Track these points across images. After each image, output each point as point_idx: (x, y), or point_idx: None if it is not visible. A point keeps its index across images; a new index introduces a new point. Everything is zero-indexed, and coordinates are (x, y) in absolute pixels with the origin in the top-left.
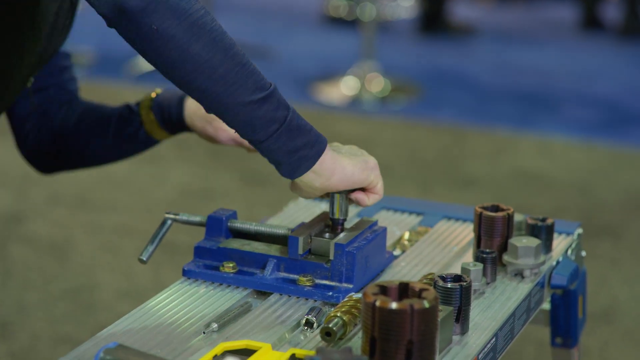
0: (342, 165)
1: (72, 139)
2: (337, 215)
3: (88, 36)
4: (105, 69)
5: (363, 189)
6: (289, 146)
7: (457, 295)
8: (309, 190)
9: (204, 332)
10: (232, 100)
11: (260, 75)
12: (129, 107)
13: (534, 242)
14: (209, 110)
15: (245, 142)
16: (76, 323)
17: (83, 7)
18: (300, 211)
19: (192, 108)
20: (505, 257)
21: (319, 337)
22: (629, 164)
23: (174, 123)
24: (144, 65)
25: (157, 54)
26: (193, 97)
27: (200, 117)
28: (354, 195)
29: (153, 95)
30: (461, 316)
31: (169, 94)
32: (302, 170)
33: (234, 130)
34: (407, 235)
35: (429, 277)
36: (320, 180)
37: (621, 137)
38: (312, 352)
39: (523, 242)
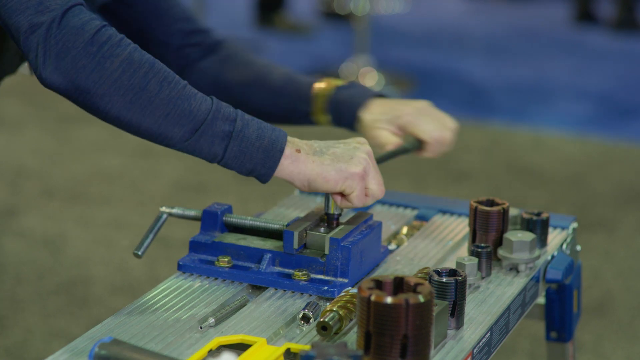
0: (304, 172)
1: (233, 90)
2: (331, 211)
3: None
4: None
5: None
6: (241, 170)
7: (452, 289)
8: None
9: (200, 327)
10: (171, 142)
11: (195, 110)
12: (301, 96)
13: (529, 236)
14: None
15: None
16: (70, 317)
17: None
18: (294, 205)
19: (368, 121)
20: (500, 252)
21: (314, 332)
22: (623, 157)
23: (345, 125)
24: None
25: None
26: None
27: (369, 127)
28: (332, 196)
29: (332, 90)
30: (456, 310)
31: (349, 95)
32: (266, 179)
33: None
34: (405, 230)
35: (424, 271)
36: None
37: (615, 130)
38: (307, 347)
39: (518, 236)
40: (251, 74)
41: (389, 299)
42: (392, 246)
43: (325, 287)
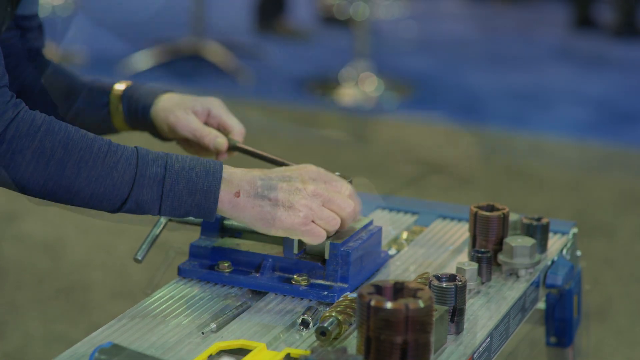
0: (245, 217)
1: (38, 97)
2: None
3: (81, 36)
4: (98, 69)
5: None
6: (181, 216)
7: (452, 294)
8: None
9: (202, 333)
10: (105, 212)
11: (118, 184)
12: (95, 92)
13: (529, 241)
14: None
15: (205, 139)
16: (70, 322)
17: (76, 7)
18: None
19: (162, 102)
20: (501, 257)
21: (313, 337)
22: (622, 163)
23: (138, 116)
24: (137, 64)
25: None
26: None
27: (164, 111)
28: None
29: (123, 87)
30: (456, 316)
31: (141, 87)
32: (209, 219)
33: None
34: (405, 235)
35: (423, 276)
36: None
37: (614, 135)
38: (307, 352)
39: (518, 241)
40: (60, 83)
41: (389, 304)
42: (392, 251)
43: (325, 292)
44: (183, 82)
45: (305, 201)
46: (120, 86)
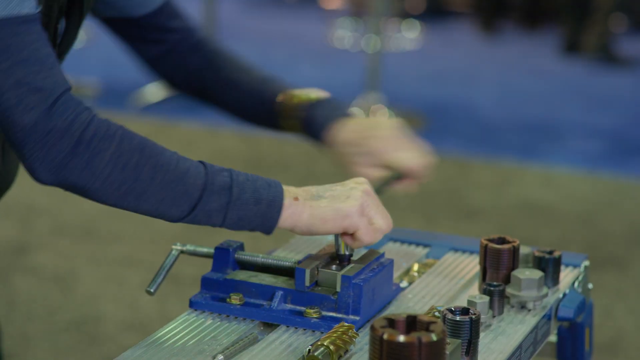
0: (303, 219)
1: (210, 90)
2: (342, 251)
3: (93, 68)
4: (110, 101)
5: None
6: (242, 230)
7: (466, 328)
8: None
9: None
10: (170, 220)
11: (189, 190)
12: (273, 109)
13: (537, 274)
14: None
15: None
16: (81, 354)
17: (88, 38)
18: (306, 243)
19: (339, 140)
20: (509, 289)
21: None
22: (634, 195)
23: (316, 137)
24: (149, 96)
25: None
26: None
27: (338, 148)
28: (341, 237)
29: (305, 98)
30: (471, 349)
31: (323, 111)
32: (268, 233)
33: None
34: (416, 267)
35: (432, 311)
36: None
37: (625, 168)
38: None
39: (526, 274)
40: (230, 73)
41: (401, 338)
42: (403, 284)
43: (336, 325)
44: (194, 115)
45: (362, 193)
46: (301, 95)
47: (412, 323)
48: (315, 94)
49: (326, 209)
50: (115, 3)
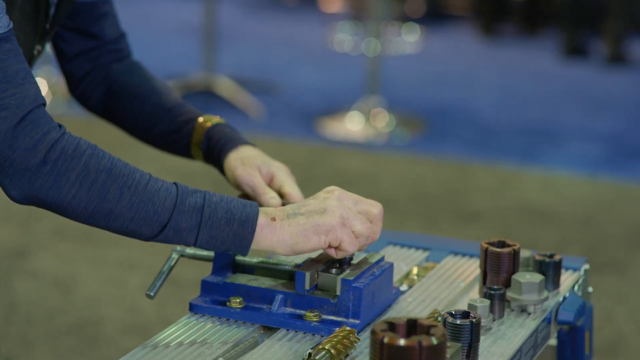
0: (283, 238)
1: (121, 106)
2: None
3: None
4: None
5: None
6: (216, 250)
7: (467, 331)
8: None
9: None
10: (141, 239)
11: (159, 210)
12: (179, 122)
13: (537, 277)
14: None
15: (262, 197)
16: (81, 358)
17: None
18: None
19: (237, 153)
20: (509, 293)
21: None
22: (634, 198)
23: (214, 157)
24: None
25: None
26: None
27: (235, 160)
28: (325, 250)
29: (207, 124)
30: (471, 352)
31: (227, 129)
32: (244, 253)
33: (255, 182)
34: (415, 270)
35: (434, 315)
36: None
37: (625, 171)
38: None
39: (526, 277)
40: (147, 88)
41: (402, 341)
42: (403, 287)
43: (337, 329)
44: None
45: (337, 202)
46: (204, 123)
47: (412, 327)
48: (215, 119)
49: (306, 225)
50: None
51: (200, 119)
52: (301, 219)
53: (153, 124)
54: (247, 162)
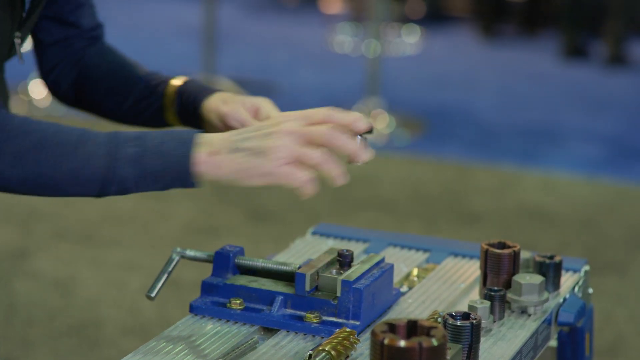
0: (225, 174)
1: (93, 85)
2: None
3: None
4: None
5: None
6: (160, 187)
7: (467, 333)
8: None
9: None
10: (87, 195)
11: (96, 169)
12: (152, 86)
13: (537, 279)
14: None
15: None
16: (81, 359)
17: None
18: (307, 247)
19: (215, 97)
20: (509, 294)
21: None
22: (634, 199)
23: (190, 109)
24: None
25: None
26: None
27: (215, 102)
28: None
29: (179, 82)
30: (471, 354)
31: (194, 86)
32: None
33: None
34: (415, 271)
35: (434, 316)
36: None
37: (626, 172)
38: None
39: (527, 279)
40: (116, 65)
41: (402, 343)
42: (404, 288)
43: (337, 330)
44: None
45: (280, 142)
46: (176, 82)
47: (412, 328)
48: (180, 79)
49: (245, 165)
50: None
51: (171, 81)
52: (243, 156)
53: (124, 97)
54: (229, 100)
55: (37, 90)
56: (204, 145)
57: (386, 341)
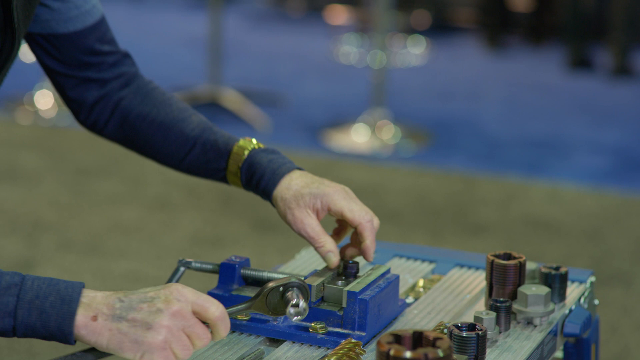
0: (100, 342)
1: (141, 137)
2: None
3: None
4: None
5: None
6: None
7: (473, 344)
8: None
9: None
10: None
11: None
12: (218, 146)
13: (543, 290)
14: None
15: (318, 250)
16: None
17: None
18: (312, 258)
19: (282, 191)
20: (515, 305)
21: None
22: None
23: (258, 192)
24: None
25: None
26: None
27: (283, 202)
28: None
29: (248, 150)
30: None
31: (264, 159)
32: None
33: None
34: (421, 282)
35: (440, 327)
36: None
37: (631, 183)
38: None
39: (532, 290)
40: (166, 116)
41: (408, 354)
42: (409, 299)
43: (343, 341)
44: None
45: (167, 322)
46: (238, 155)
47: (418, 339)
48: (242, 149)
49: (126, 337)
50: (39, 16)
51: (234, 148)
52: (124, 327)
53: (182, 155)
54: (296, 205)
55: (43, 100)
56: (86, 307)
57: (392, 352)
